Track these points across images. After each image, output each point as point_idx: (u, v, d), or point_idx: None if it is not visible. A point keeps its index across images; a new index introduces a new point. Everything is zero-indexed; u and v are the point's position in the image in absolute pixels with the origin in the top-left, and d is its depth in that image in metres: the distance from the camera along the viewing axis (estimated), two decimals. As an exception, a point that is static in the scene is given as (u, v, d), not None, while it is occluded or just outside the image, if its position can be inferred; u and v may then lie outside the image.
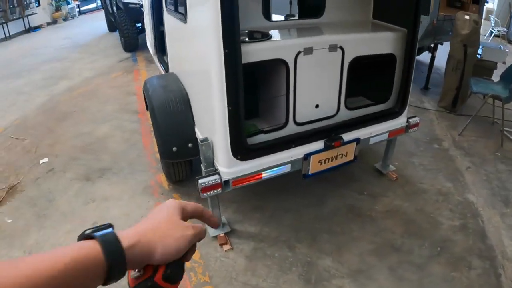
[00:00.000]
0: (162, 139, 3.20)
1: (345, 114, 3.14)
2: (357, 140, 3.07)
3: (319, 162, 2.96)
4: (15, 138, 5.25)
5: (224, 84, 2.32)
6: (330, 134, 2.94)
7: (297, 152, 2.84)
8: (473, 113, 4.94)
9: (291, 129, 2.91)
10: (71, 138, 5.11)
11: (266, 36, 2.77)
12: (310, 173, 2.98)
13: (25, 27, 13.01)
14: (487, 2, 9.28)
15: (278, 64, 2.73)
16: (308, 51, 2.74)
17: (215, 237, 3.13)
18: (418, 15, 2.95)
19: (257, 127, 3.08)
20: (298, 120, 2.93)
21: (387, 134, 3.33)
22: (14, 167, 4.51)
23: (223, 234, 3.12)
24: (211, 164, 2.73)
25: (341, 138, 2.94)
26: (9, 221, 3.61)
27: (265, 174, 2.76)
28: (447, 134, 4.82)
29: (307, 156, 2.87)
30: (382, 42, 3.11)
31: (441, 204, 3.53)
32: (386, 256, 2.95)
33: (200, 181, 2.60)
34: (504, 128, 4.74)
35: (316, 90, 2.94)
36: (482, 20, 5.97)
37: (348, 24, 3.34)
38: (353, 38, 3.00)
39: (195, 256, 2.99)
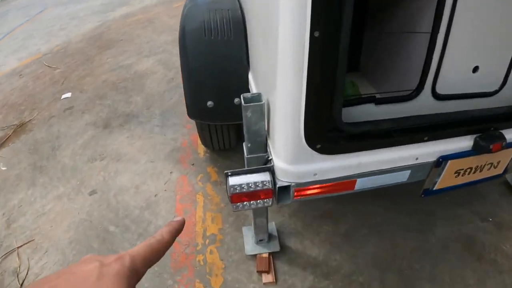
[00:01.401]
0: (191, 85, 1.99)
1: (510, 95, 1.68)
2: None
3: (456, 172, 1.59)
4: (48, 66, 4.60)
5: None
6: (486, 126, 1.54)
7: (429, 150, 1.46)
8: None
9: (424, 104, 1.52)
10: (106, 70, 4.17)
11: None
12: (435, 188, 1.63)
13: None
14: None
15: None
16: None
17: (254, 256, 1.93)
18: None
19: (357, 88, 1.77)
20: (440, 89, 1.51)
21: None
22: (34, 100, 3.86)
23: (265, 255, 1.90)
24: (262, 146, 1.41)
25: (503, 136, 1.54)
26: (3, 168, 3.00)
27: (362, 183, 1.42)
28: None
29: (442, 160, 1.52)
30: None
31: None
32: None
33: (233, 180, 1.31)
34: None
35: (481, 41, 1.49)
36: None
37: None
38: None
39: (215, 283, 1.85)
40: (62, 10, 7.10)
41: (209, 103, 1.95)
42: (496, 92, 1.65)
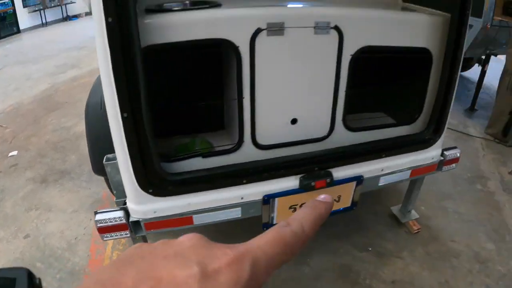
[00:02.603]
0: (93, 148, 2.48)
1: (344, 138, 2.13)
2: (358, 179, 2.08)
3: (290, 208, 2.03)
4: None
5: (111, 73, 1.44)
6: (312, 166, 1.98)
7: (252, 191, 1.93)
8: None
9: (248, 154, 1.99)
10: (49, 131, 4.67)
11: (214, 4, 1.83)
12: (275, 222, 2.03)
13: (62, 16, 12.89)
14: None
15: (228, 49, 1.82)
16: (275, 29, 1.73)
17: None
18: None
19: (209, 144, 2.23)
20: (261, 141, 2.00)
21: (409, 172, 2.27)
22: (-17, 159, 4.26)
23: None
24: (123, 193, 1.88)
25: (329, 174, 1.97)
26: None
27: (199, 219, 1.89)
28: (494, 172, 3.66)
29: (268, 199, 1.97)
30: (410, 28, 2.01)
31: (475, 277, 2.42)
32: None
33: (98, 216, 1.81)
34: None
35: (292, 96, 1.98)
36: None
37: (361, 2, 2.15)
38: (360, 16, 1.91)
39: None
40: (19, 69, 7.46)
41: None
42: (324, 138, 2.10)
